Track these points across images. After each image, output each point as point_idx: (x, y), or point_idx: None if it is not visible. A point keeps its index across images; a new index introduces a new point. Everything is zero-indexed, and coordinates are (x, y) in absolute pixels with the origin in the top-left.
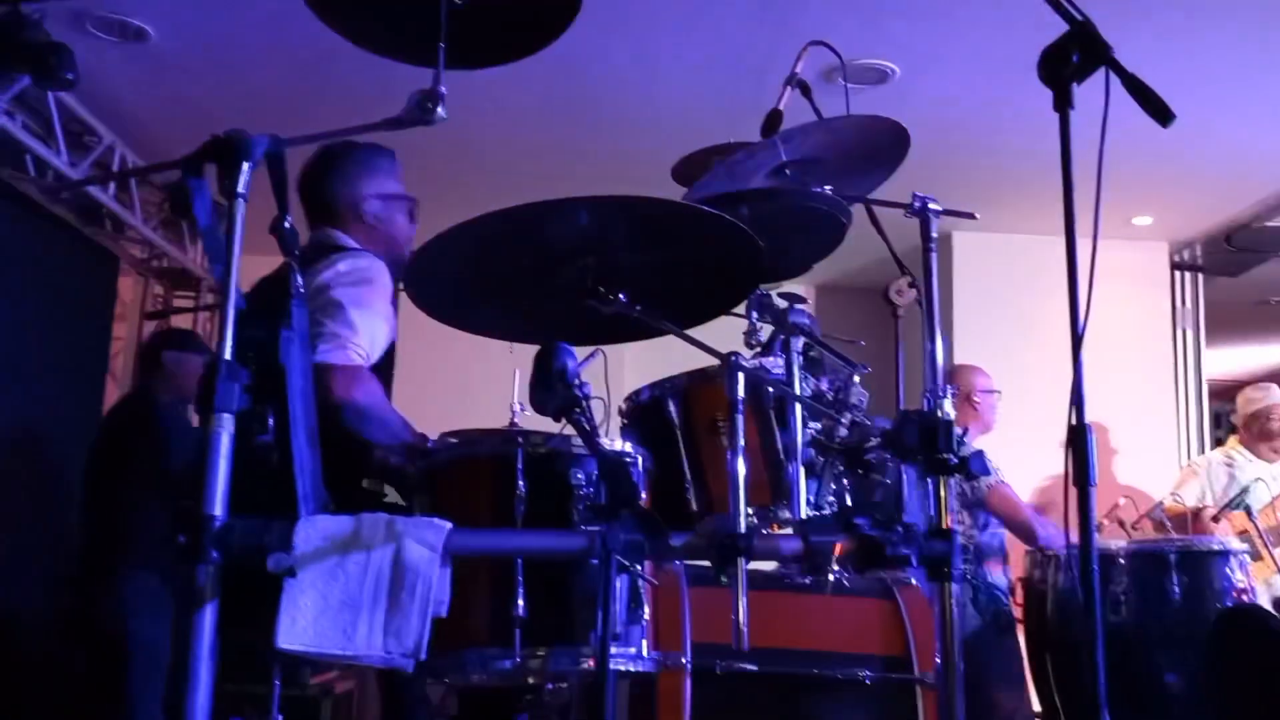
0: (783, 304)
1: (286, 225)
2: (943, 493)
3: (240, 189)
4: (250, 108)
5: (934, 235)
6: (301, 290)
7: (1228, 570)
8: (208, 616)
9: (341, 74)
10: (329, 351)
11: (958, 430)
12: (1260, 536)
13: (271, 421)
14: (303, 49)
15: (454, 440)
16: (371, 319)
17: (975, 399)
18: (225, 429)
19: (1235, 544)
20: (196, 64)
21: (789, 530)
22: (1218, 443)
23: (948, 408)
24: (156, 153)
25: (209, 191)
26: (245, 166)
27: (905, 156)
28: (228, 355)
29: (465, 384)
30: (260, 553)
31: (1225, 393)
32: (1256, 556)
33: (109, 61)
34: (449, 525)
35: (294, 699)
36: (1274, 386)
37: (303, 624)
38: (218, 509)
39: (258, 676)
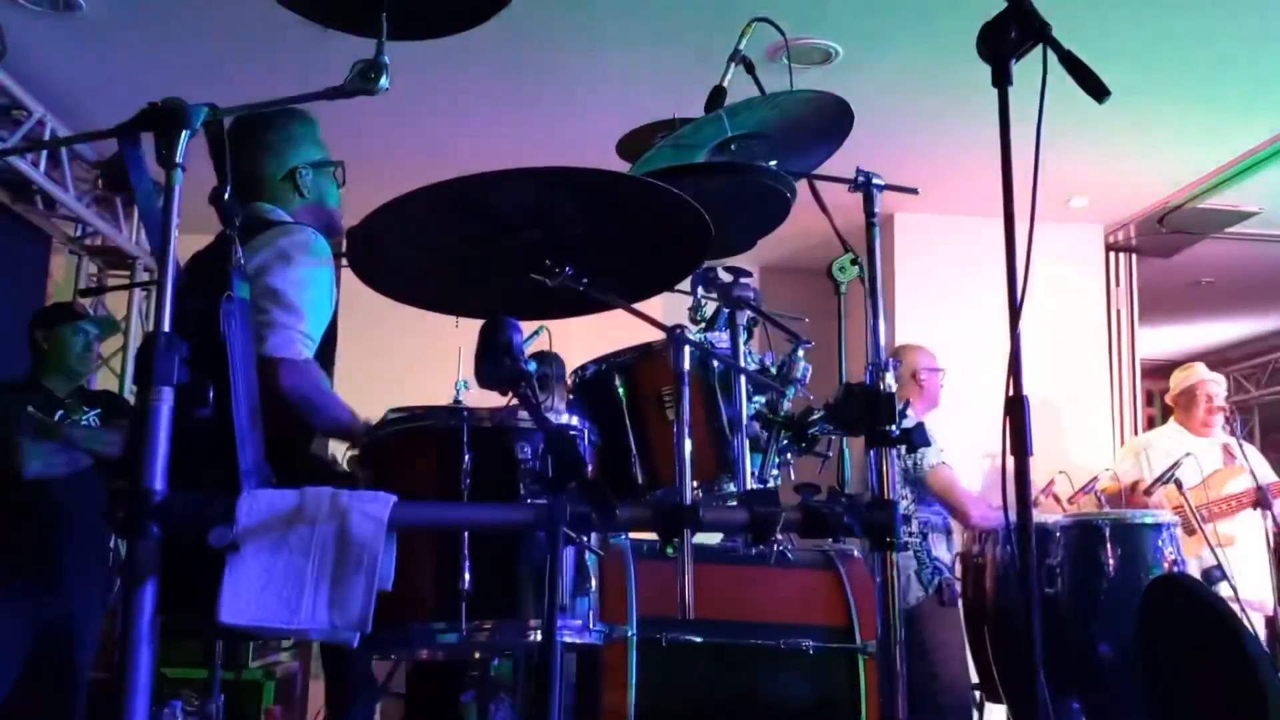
0: (728, 278)
1: (227, 196)
2: (885, 464)
3: (178, 158)
4: (186, 81)
5: (877, 211)
6: (242, 262)
7: (1159, 542)
8: (148, 593)
9: (282, 44)
10: (278, 345)
11: (899, 404)
12: (1191, 511)
13: (212, 395)
14: (241, 19)
15: (399, 414)
16: (312, 297)
17: (921, 378)
18: (165, 402)
19: (1166, 516)
20: (130, 35)
21: (734, 503)
22: (1150, 421)
23: (890, 381)
24: (89, 127)
25: (146, 161)
26: (183, 135)
27: (849, 133)
28: (167, 327)
29: (409, 359)
30: (202, 527)
31: (1158, 372)
32: (1191, 531)
33: (38, 33)
34: (394, 498)
35: (236, 682)
36: (1199, 366)
37: (246, 598)
38: (158, 483)
39: (199, 661)
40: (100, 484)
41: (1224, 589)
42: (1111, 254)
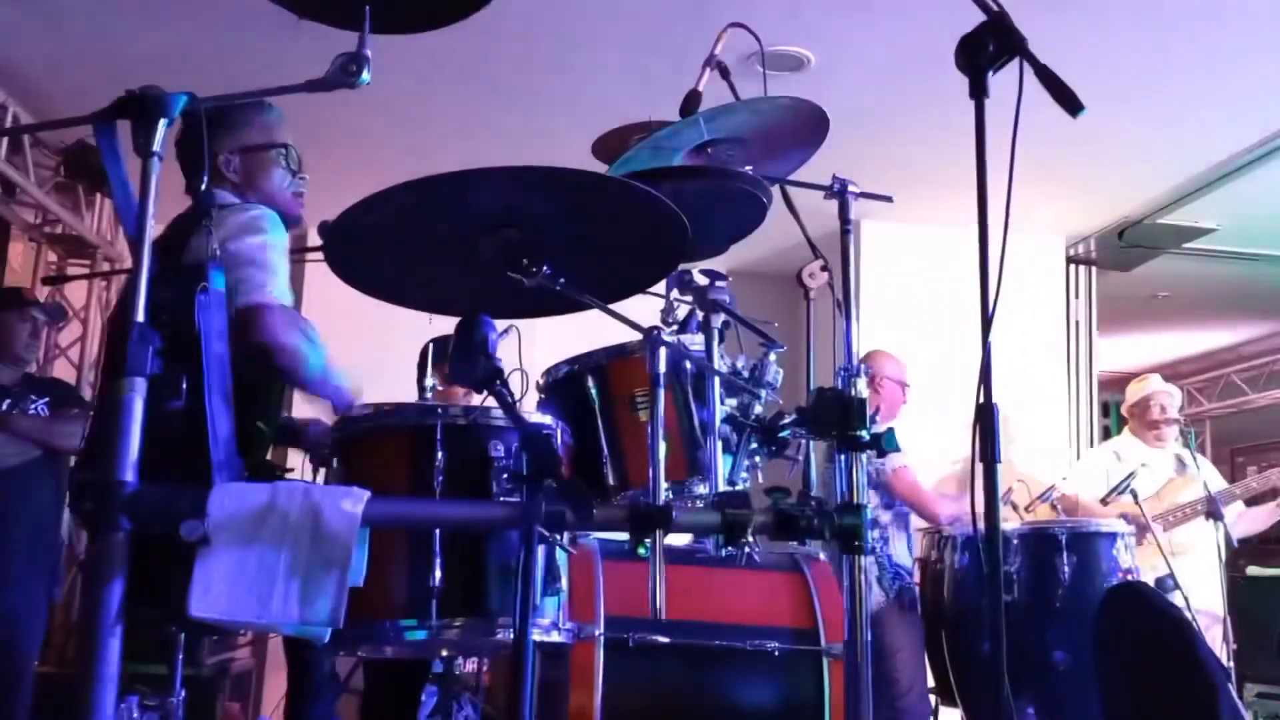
0: (703, 281)
1: (204, 186)
2: (855, 469)
3: (155, 147)
4: (156, 69)
5: (851, 218)
6: (218, 252)
7: (1114, 551)
8: (116, 586)
9: (254, 34)
10: (248, 293)
11: (869, 410)
12: (1146, 520)
13: (185, 387)
14: (213, 6)
15: (372, 410)
16: (278, 263)
17: (879, 384)
18: (137, 393)
19: (1122, 526)
20: (96, 20)
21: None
22: (1105, 432)
23: (860, 387)
24: (52, 114)
25: (121, 149)
26: (161, 124)
27: (824, 140)
28: (140, 317)
29: (380, 355)
30: (172, 520)
31: (1115, 384)
32: (1143, 540)
33: (1, 16)
34: (368, 494)
35: (190, 679)
36: (1154, 378)
37: (216, 592)
38: (128, 475)
39: (151, 656)
40: (48, 474)
41: (1177, 598)
42: (1072, 266)
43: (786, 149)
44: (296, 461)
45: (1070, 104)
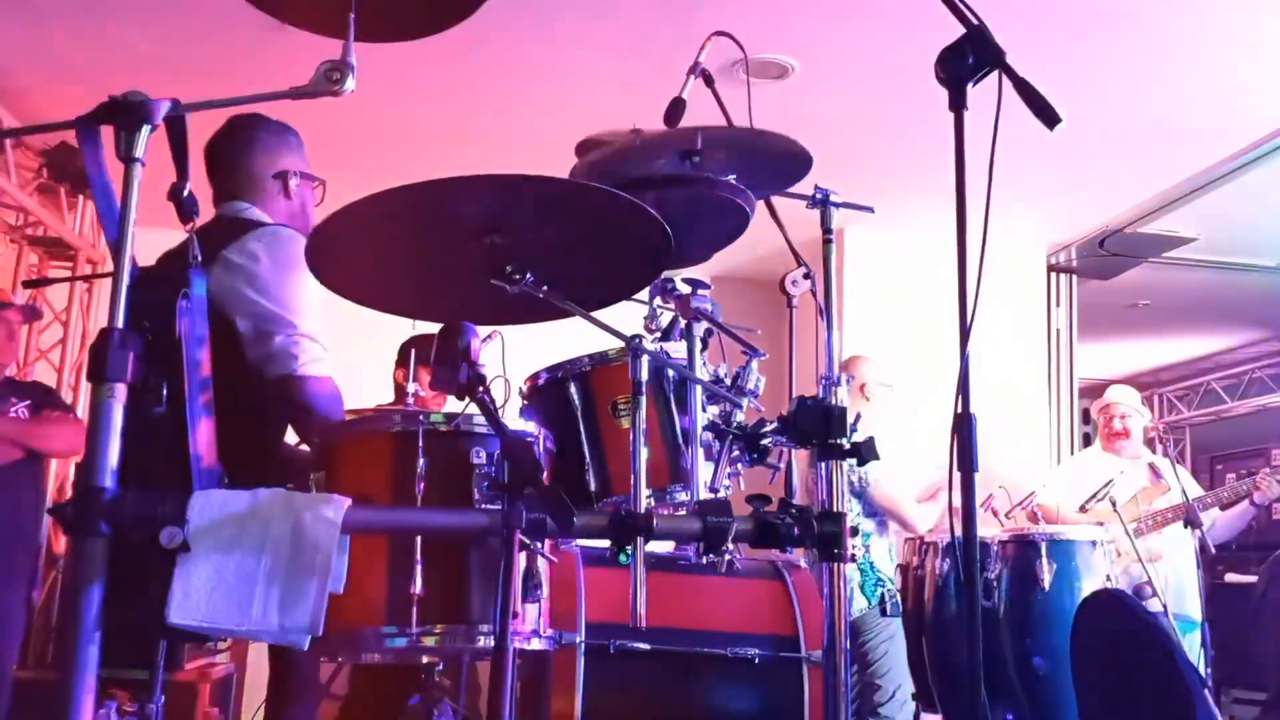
0: (687, 289)
1: (186, 193)
2: (835, 477)
3: (138, 153)
4: (139, 73)
5: (833, 227)
6: (199, 259)
7: (1094, 558)
8: (95, 591)
9: (236, 38)
10: (311, 364)
11: (850, 418)
12: (1125, 527)
13: (165, 393)
14: (198, 12)
15: (353, 415)
16: (311, 301)
17: (864, 390)
18: (117, 399)
19: (1100, 533)
20: (79, 23)
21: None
22: (1086, 439)
23: (842, 395)
24: (34, 116)
25: (103, 154)
26: (144, 129)
27: (806, 175)
28: (120, 323)
29: (359, 359)
30: (153, 525)
31: (1095, 391)
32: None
33: None
34: (348, 501)
35: (168, 684)
36: (1113, 390)
37: (196, 598)
38: (108, 480)
39: (127, 660)
40: (28, 476)
41: (1155, 605)
42: (1053, 274)
43: (773, 160)
44: None
45: (1048, 117)
